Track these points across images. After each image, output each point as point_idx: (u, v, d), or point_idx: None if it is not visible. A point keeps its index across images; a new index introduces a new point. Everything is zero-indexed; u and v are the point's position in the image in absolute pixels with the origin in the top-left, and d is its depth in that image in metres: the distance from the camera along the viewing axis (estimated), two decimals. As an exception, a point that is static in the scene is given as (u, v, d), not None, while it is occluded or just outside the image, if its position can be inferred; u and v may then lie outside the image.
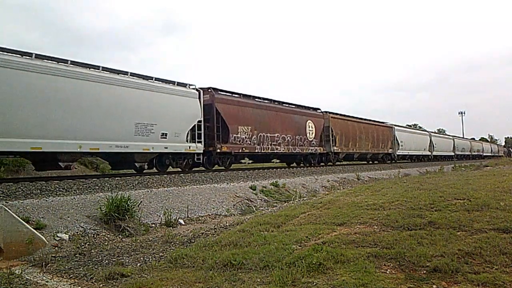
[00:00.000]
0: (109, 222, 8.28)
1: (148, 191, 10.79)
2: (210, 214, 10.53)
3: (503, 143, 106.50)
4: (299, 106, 23.71)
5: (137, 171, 14.57)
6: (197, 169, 16.99)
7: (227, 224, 8.78)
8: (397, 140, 34.16)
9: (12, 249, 6.42)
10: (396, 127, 34.88)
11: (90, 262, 5.85)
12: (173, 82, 15.01)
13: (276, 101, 21.69)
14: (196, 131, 15.62)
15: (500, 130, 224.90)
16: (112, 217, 8.29)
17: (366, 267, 4.21)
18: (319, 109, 25.54)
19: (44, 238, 6.87)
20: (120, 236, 7.96)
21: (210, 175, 15.15)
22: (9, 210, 6.69)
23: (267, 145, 19.77)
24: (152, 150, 13.87)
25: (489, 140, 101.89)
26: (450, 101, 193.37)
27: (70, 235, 7.43)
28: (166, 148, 14.30)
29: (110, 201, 8.46)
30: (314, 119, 24.05)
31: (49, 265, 5.79)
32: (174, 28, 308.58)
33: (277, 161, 23.17)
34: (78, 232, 7.67)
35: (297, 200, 11.88)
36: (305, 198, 12.42)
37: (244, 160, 20.47)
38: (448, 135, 54.07)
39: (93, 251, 6.60)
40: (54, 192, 9.84)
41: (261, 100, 20.67)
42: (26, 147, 10.47)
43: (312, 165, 23.70)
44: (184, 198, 10.96)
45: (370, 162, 31.99)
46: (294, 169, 21.02)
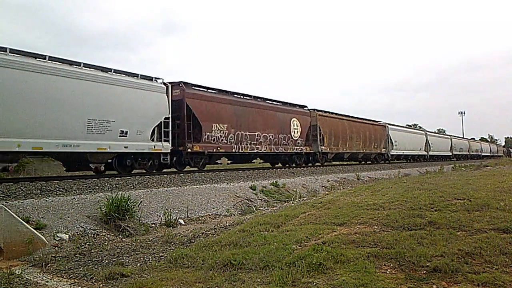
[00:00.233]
0: (109, 222, 8.29)
1: (148, 191, 10.79)
2: (210, 214, 10.54)
3: (503, 143, 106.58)
4: (284, 103, 22.31)
5: (96, 173, 13.31)
6: (193, 169, 16.45)
7: (227, 224, 8.78)
8: (390, 139, 32.83)
9: (12, 249, 6.41)
10: (389, 126, 33.57)
11: (90, 262, 5.86)
12: (136, 75, 13.79)
13: (258, 97, 20.38)
14: (163, 129, 14.37)
15: (500, 130, 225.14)
16: (112, 217, 8.29)
17: (366, 267, 4.21)
18: (306, 106, 24.18)
19: (44, 238, 6.88)
20: (120, 236, 7.96)
21: (210, 175, 15.15)
22: (9, 210, 6.70)
23: (246, 144, 18.52)
24: (109, 150, 12.53)
25: (489, 140, 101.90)
26: (450, 101, 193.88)
27: (70, 235, 7.43)
28: (126, 147, 12.99)
29: (110, 201, 8.46)
30: (300, 117, 22.69)
31: (49, 265, 5.80)
32: (174, 28, 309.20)
33: (260, 161, 22.01)
34: (78, 232, 7.68)
35: (297, 200, 11.89)
36: (305, 198, 12.42)
37: (220, 160, 19.31)
38: (445, 135, 53.33)
39: (93, 251, 6.60)
40: (54, 192, 9.85)
41: (240, 96, 19.24)
42: None
43: (298, 165, 22.47)
44: (184, 198, 10.96)
45: (362, 162, 30.76)
46: (294, 169, 20.99)
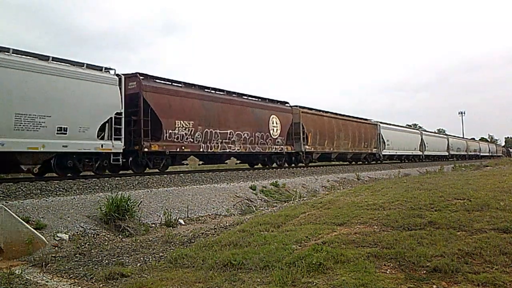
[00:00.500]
0: (109, 222, 8.28)
1: (148, 191, 10.79)
2: (210, 214, 10.53)
3: (503, 143, 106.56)
4: (262, 99, 20.79)
5: (34, 175, 11.94)
6: (199, 168, 16.13)
7: (227, 224, 8.77)
8: (382, 138, 31.25)
9: (12, 249, 6.41)
10: (381, 125, 31.98)
11: (90, 262, 5.86)
12: (82, 64, 12.11)
13: (232, 92, 18.68)
14: (114, 126, 12.71)
15: (500, 130, 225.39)
16: (112, 217, 8.29)
17: (366, 267, 4.21)
18: (288, 102, 22.53)
19: (44, 238, 6.88)
20: (120, 236, 7.96)
21: (210, 175, 15.14)
22: (9, 210, 6.70)
23: (217, 143, 16.77)
24: (43, 149, 10.82)
25: (489, 140, 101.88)
26: (450, 101, 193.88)
27: (70, 235, 7.43)
28: (65, 146, 11.31)
29: (110, 201, 8.45)
30: (280, 114, 21.10)
31: (49, 265, 5.79)
32: (174, 28, 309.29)
33: (237, 161, 20.83)
34: (78, 232, 7.68)
35: (297, 200, 11.88)
36: (305, 198, 12.41)
37: (187, 161, 17.67)
38: (442, 134, 52.50)
39: (93, 251, 6.60)
40: (54, 192, 9.85)
41: (210, 90, 17.36)
42: None
43: (278, 166, 21.01)
44: (184, 198, 10.96)
45: (352, 163, 29.42)
46: (294, 169, 20.99)
